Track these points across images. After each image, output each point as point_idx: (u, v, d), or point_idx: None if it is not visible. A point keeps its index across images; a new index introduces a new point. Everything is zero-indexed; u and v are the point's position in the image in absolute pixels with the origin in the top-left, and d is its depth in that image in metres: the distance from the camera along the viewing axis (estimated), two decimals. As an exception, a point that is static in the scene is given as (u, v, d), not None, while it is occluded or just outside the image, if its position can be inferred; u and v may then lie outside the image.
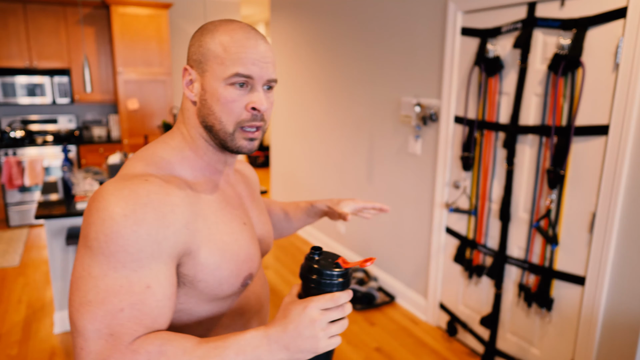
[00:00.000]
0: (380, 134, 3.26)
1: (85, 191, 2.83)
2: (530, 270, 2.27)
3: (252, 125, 0.81)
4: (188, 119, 0.85)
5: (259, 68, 0.79)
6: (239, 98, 0.79)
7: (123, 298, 0.67)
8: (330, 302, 0.70)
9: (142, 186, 0.72)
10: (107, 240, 0.67)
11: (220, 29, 0.80)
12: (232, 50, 0.78)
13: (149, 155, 0.82)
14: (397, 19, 2.99)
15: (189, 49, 0.84)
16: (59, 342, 2.75)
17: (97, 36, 4.97)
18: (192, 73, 0.82)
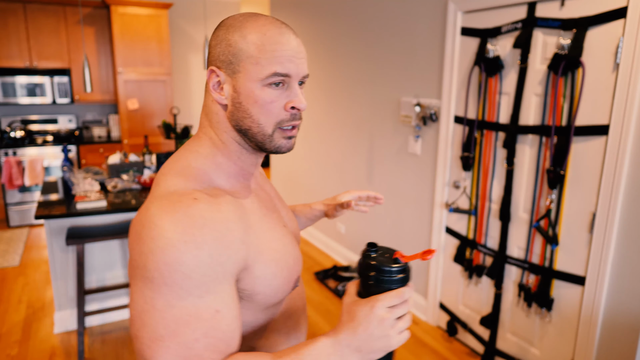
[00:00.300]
0: (380, 134, 3.26)
1: (85, 191, 2.83)
2: (530, 270, 2.27)
3: (291, 125, 0.78)
4: (218, 123, 0.80)
5: (295, 65, 0.76)
6: (277, 98, 0.75)
7: (195, 327, 0.64)
8: (396, 298, 0.68)
9: (194, 206, 0.67)
10: (169, 269, 0.63)
11: (249, 26, 0.75)
12: (266, 48, 0.73)
13: (184, 168, 0.77)
14: (397, 19, 2.99)
15: (213, 49, 0.78)
16: (59, 342, 2.75)
17: (97, 36, 4.97)
18: (221, 75, 0.77)
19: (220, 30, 0.78)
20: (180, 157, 0.79)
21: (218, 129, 0.80)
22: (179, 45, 5.46)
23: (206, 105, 0.82)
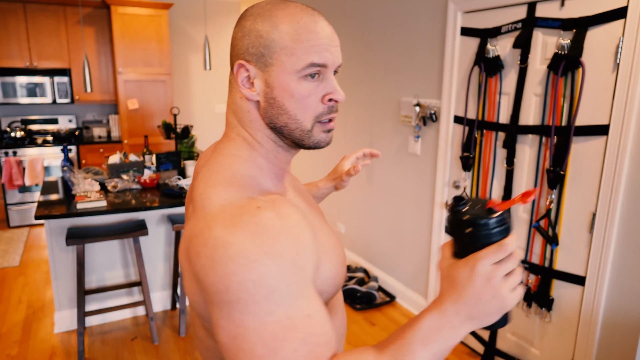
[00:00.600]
0: (380, 134, 3.26)
1: (85, 191, 2.83)
2: (530, 270, 2.27)
3: (329, 117, 0.73)
4: (250, 122, 0.74)
5: (331, 54, 0.70)
6: (314, 91, 0.70)
7: (292, 338, 0.58)
8: (500, 252, 0.59)
9: (261, 215, 0.61)
10: (256, 286, 0.58)
11: (280, 15, 0.69)
12: (301, 38, 0.68)
13: (232, 176, 0.70)
14: (397, 19, 2.99)
15: (240, 41, 0.72)
16: (59, 342, 2.75)
17: (97, 36, 4.97)
18: (251, 69, 0.71)
19: (247, 21, 0.72)
20: (221, 164, 0.73)
21: (251, 128, 0.75)
22: (179, 45, 5.46)
23: (234, 103, 0.76)
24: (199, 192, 0.69)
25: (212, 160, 0.74)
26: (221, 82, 5.81)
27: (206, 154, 0.88)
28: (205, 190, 0.68)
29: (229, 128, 0.78)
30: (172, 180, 3.21)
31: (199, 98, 5.73)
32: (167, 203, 2.74)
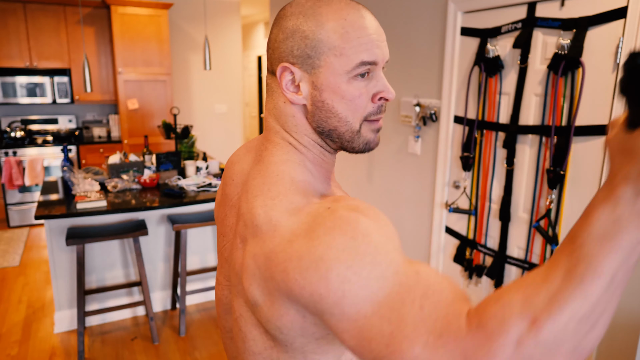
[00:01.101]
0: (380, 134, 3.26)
1: (85, 191, 2.83)
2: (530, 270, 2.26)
3: (378, 117, 0.71)
4: (295, 127, 0.71)
5: (381, 50, 0.67)
6: (365, 90, 0.67)
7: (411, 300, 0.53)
8: None
9: (334, 213, 0.59)
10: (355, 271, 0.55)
11: (324, 12, 0.65)
12: (350, 36, 0.64)
13: (290, 183, 0.67)
14: (397, 19, 2.99)
15: (282, 43, 0.68)
16: (59, 342, 2.75)
17: (97, 36, 4.97)
18: (296, 72, 0.67)
19: (288, 21, 0.68)
20: (276, 173, 0.68)
21: (297, 132, 0.71)
22: (179, 45, 5.46)
23: (275, 108, 0.72)
24: (258, 203, 0.65)
25: (264, 170, 0.70)
26: (221, 82, 5.82)
27: (241, 157, 0.83)
28: (266, 202, 0.65)
29: (272, 133, 0.73)
30: (172, 180, 3.21)
31: (199, 98, 5.73)
32: (167, 203, 2.74)
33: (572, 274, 0.46)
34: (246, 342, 0.72)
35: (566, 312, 0.46)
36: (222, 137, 5.94)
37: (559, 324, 0.46)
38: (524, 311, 0.47)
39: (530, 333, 0.46)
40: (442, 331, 0.50)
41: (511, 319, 0.47)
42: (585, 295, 0.45)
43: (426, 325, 0.51)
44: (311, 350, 0.67)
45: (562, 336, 0.46)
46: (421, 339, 0.50)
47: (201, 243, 3.26)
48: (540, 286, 0.48)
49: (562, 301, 0.46)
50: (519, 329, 0.47)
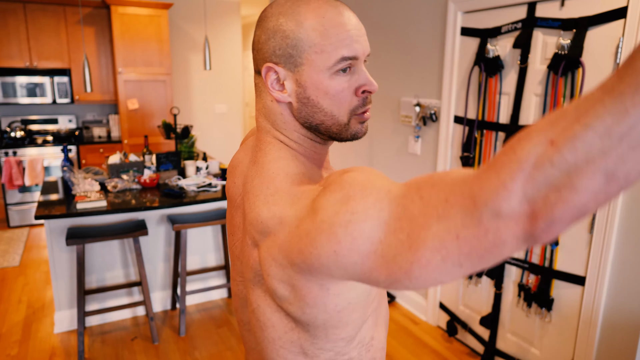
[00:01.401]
0: (380, 134, 3.26)
1: (85, 191, 2.83)
2: (530, 270, 2.27)
3: (364, 109, 0.72)
4: (284, 124, 0.74)
5: (360, 44, 0.69)
6: (347, 84, 0.69)
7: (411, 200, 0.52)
8: None
9: (326, 188, 0.63)
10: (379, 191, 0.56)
11: (302, 11, 0.68)
12: (329, 33, 0.67)
13: (285, 178, 0.70)
14: (397, 19, 2.99)
15: (265, 44, 0.70)
16: (59, 342, 2.75)
17: (97, 36, 4.97)
18: (280, 71, 0.70)
19: (269, 22, 0.70)
20: (271, 171, 0.71)
21: (286, 129, 0.74)
22: (179, 45, 5.46)
23: (264, 107, 0.75)
24: (260, 202, 0.69)
25: (260, 170, 0.73)
26: (221, 82, 5.82)
27: (240, 160, 0.87)
28: (267, 200, 0.68)
29: (263, 132, 0.76)
30: (172, 180, 3.21)
31: (199, 98, 5.73)
32: (167, 203, 2.74)
33: (617, 87, 0.38)
34: (265, 330, 0.75)
35: (592, 129, 0.39)
36: (222, 137, 5.94)
37: (581, 141, 0.39)
38: (541, 136, 0.41)
39: (546, 155, 0.40)
40: (448, 195, 0.48)
41: (524, 147, 0.42)
42: (624, 108, 0.37)
43: (431, 204, 0.49)
44: (332, 325, 0.69)
45: (585, 155, 0.39)
46: (432, 217, 0.49)
47: (201, 243, 3.26)
48: (575, 106, 0.41)
49: (588, 117, 0.39)
50: (534, 155, 0.41)
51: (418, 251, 0.49)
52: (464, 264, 0.47)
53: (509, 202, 0.42)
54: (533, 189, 0.41)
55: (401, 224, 0.52)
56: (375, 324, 0.80)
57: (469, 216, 0.45)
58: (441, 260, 0.48)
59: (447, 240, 0.47)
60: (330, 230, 0.57)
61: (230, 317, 3.08)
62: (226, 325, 2.99)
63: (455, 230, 0.46)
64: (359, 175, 0.59)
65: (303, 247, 0.60)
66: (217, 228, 3.28)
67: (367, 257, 0.55)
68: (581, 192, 0.39)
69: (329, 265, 0.58)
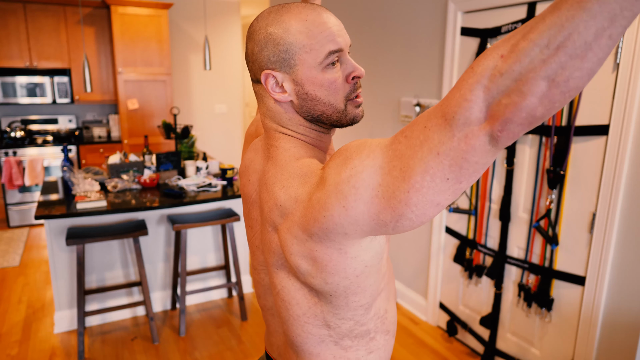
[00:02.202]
0: (380, 134, 3.26)
1: (85, 191, 2.83)
2: (530, 270, 2.27)
3: (356, 94, 0.81)
4: (289, 121, 0.82)
5: (342, 37, 0.78)
6: (338, 75, 0.78)
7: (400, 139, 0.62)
8: None
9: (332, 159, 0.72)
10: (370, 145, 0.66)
11: (287, 19, 0.76)
12: (314, 32, 0.75)
13: (297, 162, 0.78)
14: (397, 19, 2.99)
15: (259, 54, 0.78)
16: (59, 342, 2.75)
17: (97, 36, 4.97)
18: (277, 75, 0.78)
19: (258, 34, 0.78)
20: (283, 160, 0.79)
21: (291, 125, 0.82)
22: (179, 45, 5.46)
23: (269, 110, 0.83)
24: (277, 188, 0.77)
25: (274, 162, 0.81)
26: (221, 82, 5.82)
27: (253, 160, 0.93)
28: (282, 184, 0.76)
29: (271, 132, 0.84)
30: (172, 180, 3.21)
31: (199, 98, 5.73)
32: (167, 203, 2.74)
33: (555, 6, 0.46)
34: (290, 308, 0.83)
35: (533, 42, 0.46)
36: (222, 137, 5.94)
37: (524, 53, 0.47)
38: (494, 52, 0.50)
39: (496, 67, 0.49)
40: (426, 123, 0.57)
41: (480, 63, 0.51)
42: (559, 23, 0.45)
43: (414, 136, 0.58)
44: (352, 291, 0.77)
45: (528, 64, 0.47)
46: (416, 146, 0.57)
47: (201, 243, 3.26)
48: (523, 28, 0.49)
49: (533, 32, 0.47)
50: (486, 68, 0.50)
51: (411, 178, 0.57)
52: (449, 176, 0.55)
53: (471, 111, 0.51)
54: (488, 97, 0.50)
55: (394, 163, 0.60)
56: (387, 299, 0.89)
57: (443, 132, 0.54)
58: (431, 180, 0.56)
59: (430, 160, 0.56)
60: (336, 190, 0.65)
61: (230, 317, 3.08)
62: (226, 325, 2.99)
63: (435, 148, 0.55)
64: (354, 141, 0.68)
65: (317, 214, 0.68)
66: (217, 228, 3.27)
67: (372, 203, 0.62)
68: (527, 95, 0.48)
69: (341, 222, 0.66)
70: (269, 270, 0.87)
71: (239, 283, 3.00)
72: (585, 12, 0.43)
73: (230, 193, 2.98)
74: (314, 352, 0.84)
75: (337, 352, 0.84)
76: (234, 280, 3.39)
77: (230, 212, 3.03)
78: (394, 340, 0.94)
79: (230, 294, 3.37)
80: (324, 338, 0.83)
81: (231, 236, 2.98)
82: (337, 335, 0.82)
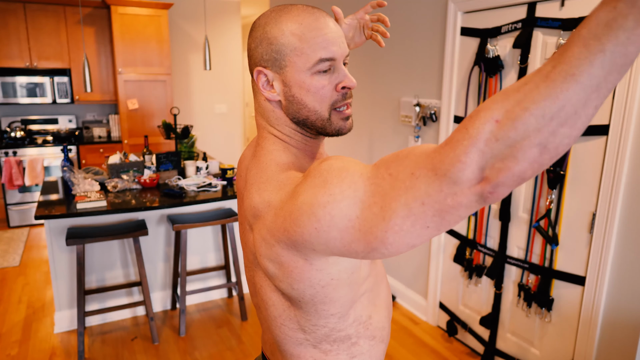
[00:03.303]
0: (380, 134, 3.26)
1: (85, 191, 2.83)
2: (530, 270, 2.27)
3: (344, 104, 0.80)
4: (277, 120, 0.82)
5: (338, 47, 0.77)
6: (327, 82, 0.77)
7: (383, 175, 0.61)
8: None
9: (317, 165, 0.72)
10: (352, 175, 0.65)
11: (284, 20, 0.76)
12: (307, 37, 0.75)
13: (276, 166, 0.78)
14: (397, 19, 2.99)
15: (254, 51, 0.79)
16: (59, 342, 2.75)
17: (97, 36, 4.97)
18: (268, 73, 0.78)
19: (257, 31, 0.79)
20: (265, 162, 0.80)
21: (278, 125, 0.82)
22: (179, 45, 5.46)
23: (259, 106, 0.84)
24: (254, 190, 0.78)
25: (257, 162, 0.82)
26: (221, 82, 5.82)
27: (246, 156, 0.96)
28: (259, 187, 0.77)
29: (260, 129, 0.85)
30: (172, 180, 3.21)
31: (199, 98, 5.73)
32: (167, 203, 2.74)
33: (549, 76, 0.48)
34: (268, 308, 0.84)
35: (530, 111, 0.48)
36: (222, 137, 5.94)
37: (520, 122, 0.48)
38: (488, 115, 0.50)
39: (492, 132, 0.50)
40: (414, 169, 0.57)
41: (475, 125, 0.51)
42: (554, 95, 0.47)
43: (399, 178, 0.58)
44: (320, 300, 0.76)
45: (524, 132, 0.48)
46: (401, 189, 0.57)
47: (201, 243, 3.26)
48: (516, 91, 0.50)
49: (528, 101, 0.48)
50: (483, 132, 0.50)
51: (391, 220, 0.57)
52: (430, 225, 0.56)
53: (464, 172, 0.52)
54: (482, 160, 0.51)
55: (375, 200, 0.59)
56: (372, 304, 0.87)
57: (431, 185, 0.54)
58: (411, 225, 0.57)
59: (414, 207, 0.56)
60: (310, 211, 0.64)
61: (230, 317, 3.08)
62: (226, 325, 2.99)
63: (420, 198, 0.55)
64: (335, 162, 0.67)
65: (287, 226, 0.68)
66: (217, 228, 3.27)
67: (346, 232, 0.62)
68: (520, 161, 0.49)
69: (311, 240, 0.66)
70: (251, 268, 0.89)
71: (239, 283, 3.00)
72: (578, 85, 0.46)
73: (230, 193, 2.98)
74: (294, 353, 0.84)
75: (316, 354, 0.83)
76: (234, 280, 3.39)
77: (230, 212, 3.03)
78: (384, 345, 0.91)
79: (230, 294, 3.37)
80: (302, 341, 0.83)
81: (231, 236, 2.98)
82: (314, 340, 0.82)
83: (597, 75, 0.46)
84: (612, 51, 0.45)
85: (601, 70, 0.46)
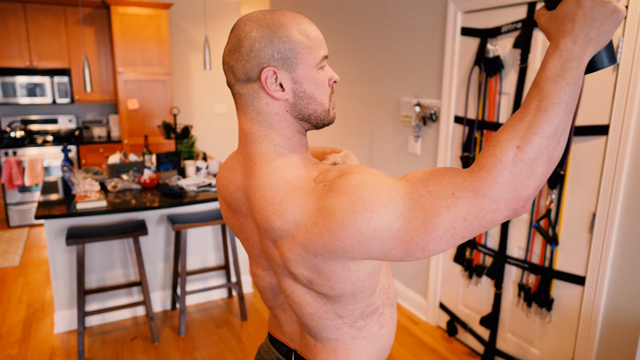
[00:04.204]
0: (380, 134, 3.26)
1: (85, 191, 2.83)
2: (530, 270, 2.27)
3: (332, 96, 0.89)
4: (280, 122, 0.83)
5: (325, 46, 0.86)
6: (325, 77, 0.85)
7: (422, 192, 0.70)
8: None
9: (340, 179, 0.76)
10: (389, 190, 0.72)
11: (285, 21, 0.80)
12: (311, 37, 0.81)
13: (286, 185, 0.79)
14: (397, 19, 2.99)
15: (262, 50, 0.78)
16: (59, 342, 2.75)
17: (97, 36, 4.97)
18: (279, 72, 0.79)
19: (262, 32, 0.79)
20: (271, 182, 0.80)
21: (281, 127, 0.84)
22: (179, 45, 5.46)
23: (259, 113, 0.82)
24: (270, 213, 0.79)
25: (259, 184, 0.82)
26: (221, 82, 5.81)
27: (232, 178, 0.92)
28: (275, 209, 0.78)
29: (256, 144, 0.84)
30: (172, 180, 3.21)
31: (199, 98, 5.73)
32: (167, 203, 2.74)
33: (540, 107, 0.65)
34: (302, 308, 0.88)
35: (539, 135, 0.64)
36: (222, 137, 5.94)
37: (535, 144, 0.64)
38: (509, 144, 0.65)
39: (517, 156, 0.64)
40: (454, 190, 0.66)
41: (502, 152, 0.65)
42: (550, 120, 0.64)
43: (439, 197, 0.67)
44: (359, 291, 0.84)
45: (538, 152, 0.64)
46: (442, 207, 0.66)
47: (201, 243, 3.26)
48: (519, 122, 0.66)
49: (535, 128, 0.64)
50: (509, 157, 0.64)
51: (433, 232, 0.67)
52: (465, 236, 0.68)
53: (501, 192, 0.64)
54: (514, 181, 0.64)
55: (416, 214, 0.68)
56: (387, 274, 0.96)
57: (473, 204, 0.65)
58: (450, 237, 0.67)
59: (456, 223, 0.66)
60: (353, 227, 0.70)
61: (230, 317, 3.08)
62: (226, 325, 2.99)
63: (462, 215, 0.66)
64: (363, 177, 0.73)
65: (326, 241, 0.73)
66: (217, 228, 3.27)
67: (387, 242, 0.70)
68: (539, 175, 0.65)
69: (352, 252, 0.72)
70: (276, 276, 0.91)
71: (239, 283, 3.00)
72: (561, 110, 0.65)
73: (230, 193, 2.98)
74: (332, 337, 0.90)
75: (353, 333, 0.90)
76: (234, 280, 3.39)
77: (230, 212, 3.03)
78: (397, 312, 1.01)
79: (230, 294, 3.37)
80: (339, 326, 0.89)
81: (231, 236, 2.98)
82: (351, 320, 0.89)
83: (570, 101, 0.65)
84: (573, 82, 0.66)
85: (571, 96, 0.65)
